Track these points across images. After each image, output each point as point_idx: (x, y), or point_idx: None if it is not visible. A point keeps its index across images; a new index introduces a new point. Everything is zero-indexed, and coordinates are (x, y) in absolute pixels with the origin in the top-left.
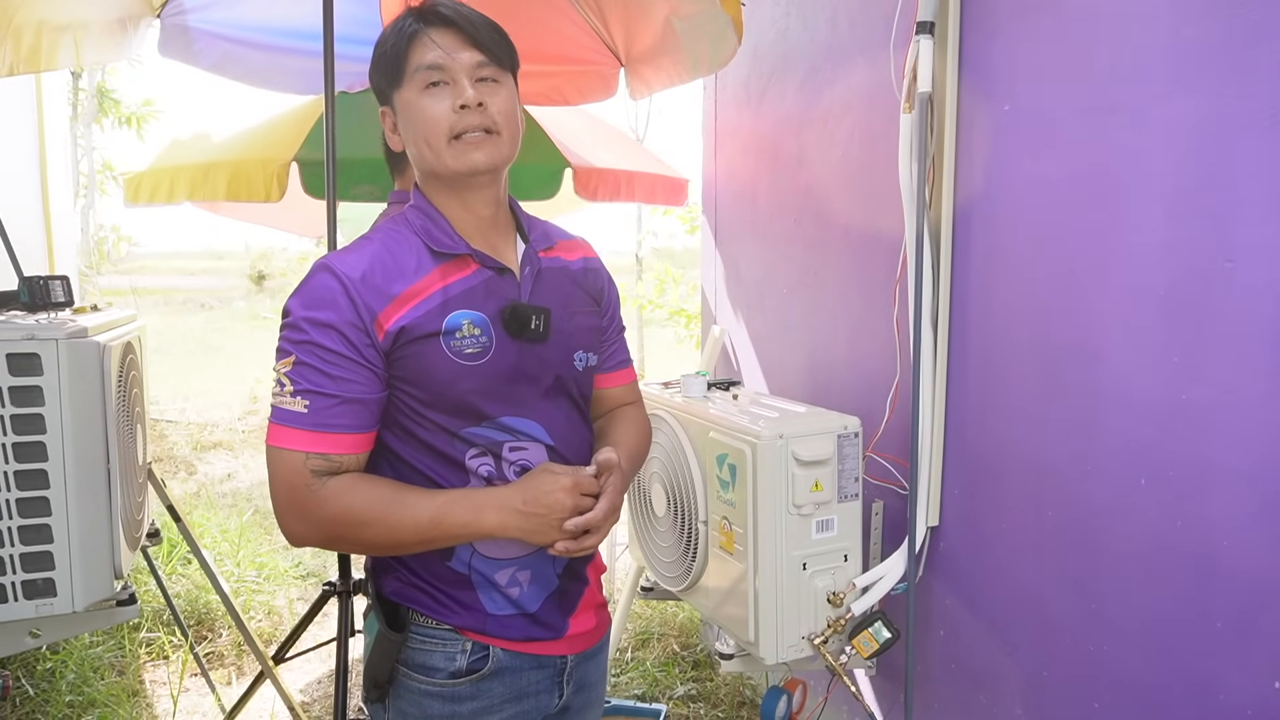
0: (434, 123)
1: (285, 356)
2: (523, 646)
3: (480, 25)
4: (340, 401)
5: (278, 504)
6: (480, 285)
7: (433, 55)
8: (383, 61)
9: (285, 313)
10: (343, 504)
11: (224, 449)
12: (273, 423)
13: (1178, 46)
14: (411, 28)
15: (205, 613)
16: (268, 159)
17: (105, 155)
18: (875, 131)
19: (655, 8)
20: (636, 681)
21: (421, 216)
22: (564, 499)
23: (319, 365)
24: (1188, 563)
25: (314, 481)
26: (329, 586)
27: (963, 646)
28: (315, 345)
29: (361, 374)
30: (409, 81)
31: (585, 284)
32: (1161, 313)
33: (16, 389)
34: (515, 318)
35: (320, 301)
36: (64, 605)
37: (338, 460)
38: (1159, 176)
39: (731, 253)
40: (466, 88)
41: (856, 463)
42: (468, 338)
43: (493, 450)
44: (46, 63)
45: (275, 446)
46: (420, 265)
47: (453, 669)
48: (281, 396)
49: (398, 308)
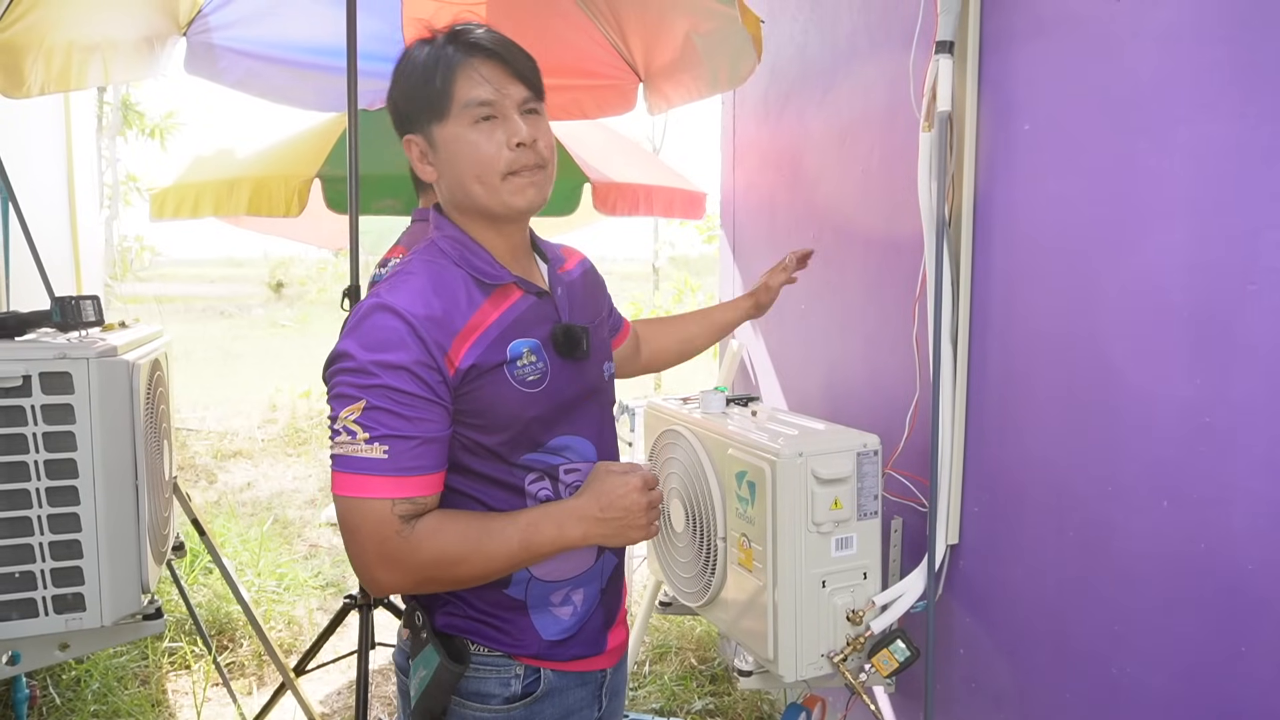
0: (488, 161)
1: (352, 403)
2: (571, 666)
3: (521, 56)
4: (421, 442)
5: (364, 556)
6: (528, 311)
7: (483, 91)
8: (420, 91)
9: (343, 356)
10: (437, 546)
11: (244, 458)
12: (345, 473)
13: (1202, 68)
14: (454, 58)
15: (226, 622)
16: (290, 175)
17: (129, 167)
18: (894, 149)
19: (675, 24)
20: (654, 695)
21: (458, 247)
22: (638, 498)
23: (394, 409)
24: (1211, 585)
25: (404, 528)
26: (350, 600)
27: (983, 665)
28: (388, 389)
29: (435, 413)
30: (456, 116)
31: (593, 287)
32: (1184, 335)
33: (49, 407)
34: (568, 339)
35: (387, 343)
36: (93, 620)
37: (423, 503)
38: (1182, 199)
39: (750, 267)
40: (520, 125)
41: (876, 480)
42: (528, 365)
43: (549, 474)
44: (76, 82)
45: (355, 497)
46: (471, 298)
47: (507, 694)
48: (354, 445)
49: (463, 342)
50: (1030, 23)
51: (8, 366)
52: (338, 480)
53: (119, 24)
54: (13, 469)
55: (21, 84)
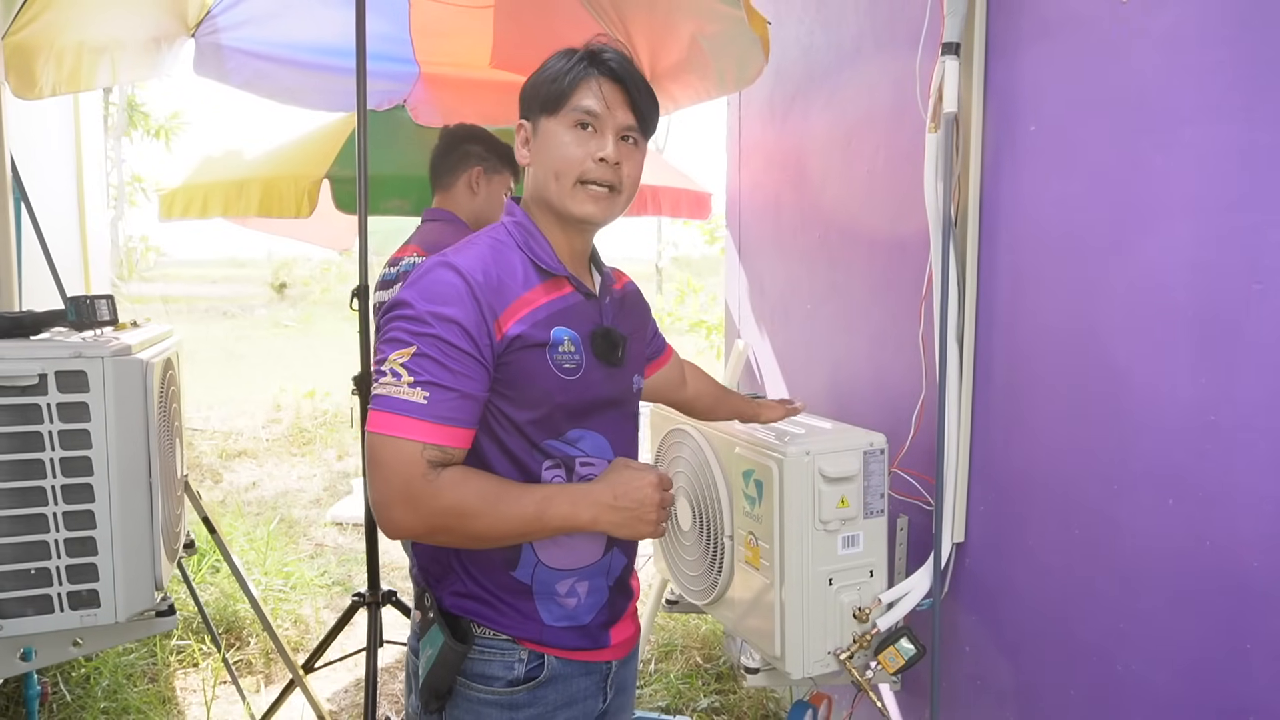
0: (570, 162)
1: (403, 347)
2: (575, 655)
3: (643, 89)
4: (460, 396)
5: (387, 492)
6: (575, 306)
7: (592, 102)
8: (543, 87)
9: (401, 304)
10: (457, 495)
11: (248, 457)
12: (384, 411)
13: (1207, 69)
14: (584, 70)
15: (233, 620)
16: (299, 175)
17: (134, 167)
18: (900, 150)
19: (681, 25)
20: (660, 694)
21: (524, 233)
22: (651, 494)
23: (440, 359)
24: (1217, 583)
25: (429, 472)
26: (359, 597)
27: (988, 663)
28: (439, 339)
29: (478, 371)
30: (562, 114)
31: (638, 307)
32: (1189, 334)
33: (64, 405)
34: (607, 341)
35: (445, 297)
36: (107, 616)
37: (452, 453)
38: (1187, 199)
39: (756, 267)
40: (610, 143)
41: (882, 479)
42: (567, 353)
43: (566, 464)
44: (86, 82)
45: (390, 435)
46: (527, 277)
47: (510, 677)
48: (398, 387)
49: (514, 312)
50: (1036, 25)
51: (24, 365)
52: (375, 419)
53: (128, 25)
54: (29, 466)
55: (34, 85)
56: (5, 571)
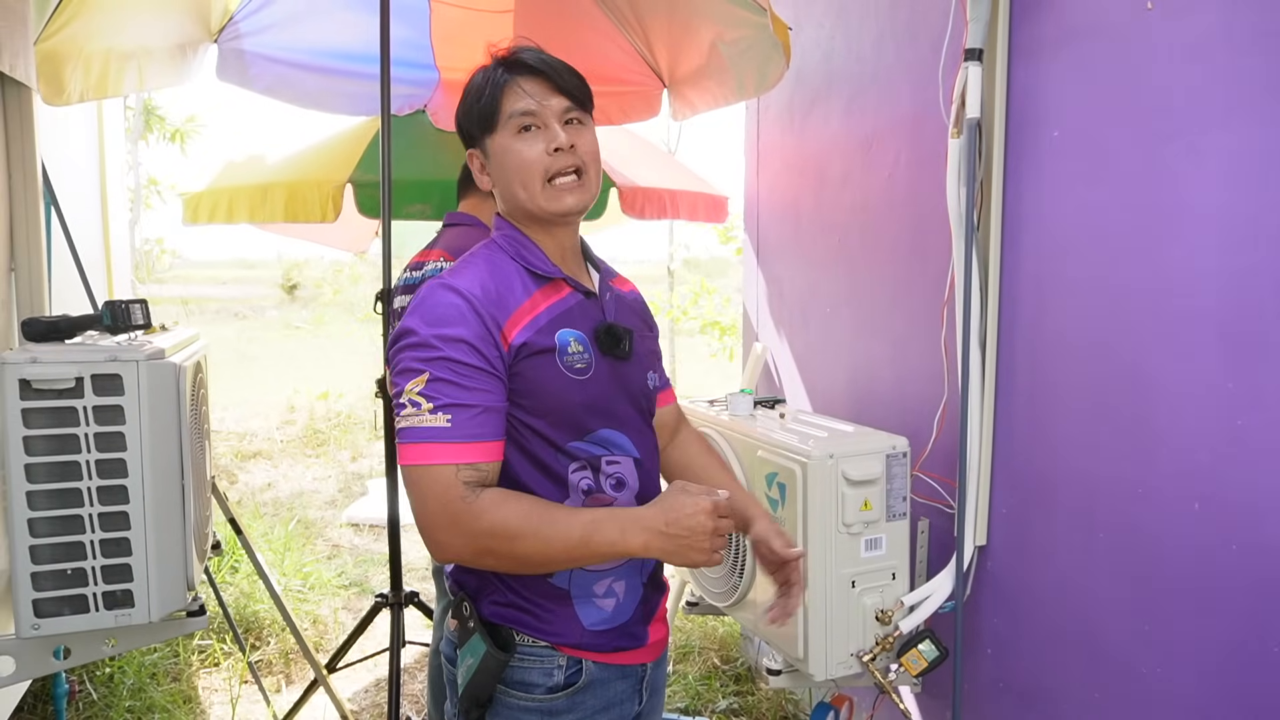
0: (529, 165)
1: (416, 375)
2: (612, 658)
3: (565, 72)
4: (481, 410)
5: (431, 520)
6: (575, 307)
7: (524, 103)
8: (474, 109)
9: (407, 333)
10: (499, 516)
11: (263, 458)
12: (411, 443)
13: (1233, 75)
14: (503, 78)
15: (253, 621)
16: (323, 180)
17: (150, 170)
18: (922, 155)
19: (701, 31)
20: (679, 695)
21: (514, 244)
22: (705, 521)
23: (455, 379)
24: (1243, 587)
25: (468, 494)
26: (381, 598)
27: (1011, 666)
28: (449, 360)
29: (493, 384)
30: (502, 128)
31: (641, 312)
32: (1216, 339)
33: (100, 408)
34: (610, 336)
35: (448, 318)
36: (141, 616)
37: (485, 469)
38: (1214, 204)
39: (774, 271)
40: (558, 131)
41: (904, 482)
42: (575, 354)
43: (592, 464)
44: (114, 89)
45: (422, 465)
46: (525, 285)
47: (550, 684)
48: (419, 415)
49: (516, 322)
50: (1059, 31)
51: (61, 368)
52: (405, 451)
53: (154, 32)
54: (65, 468)
55: (62, 91)
56: (43, 571)
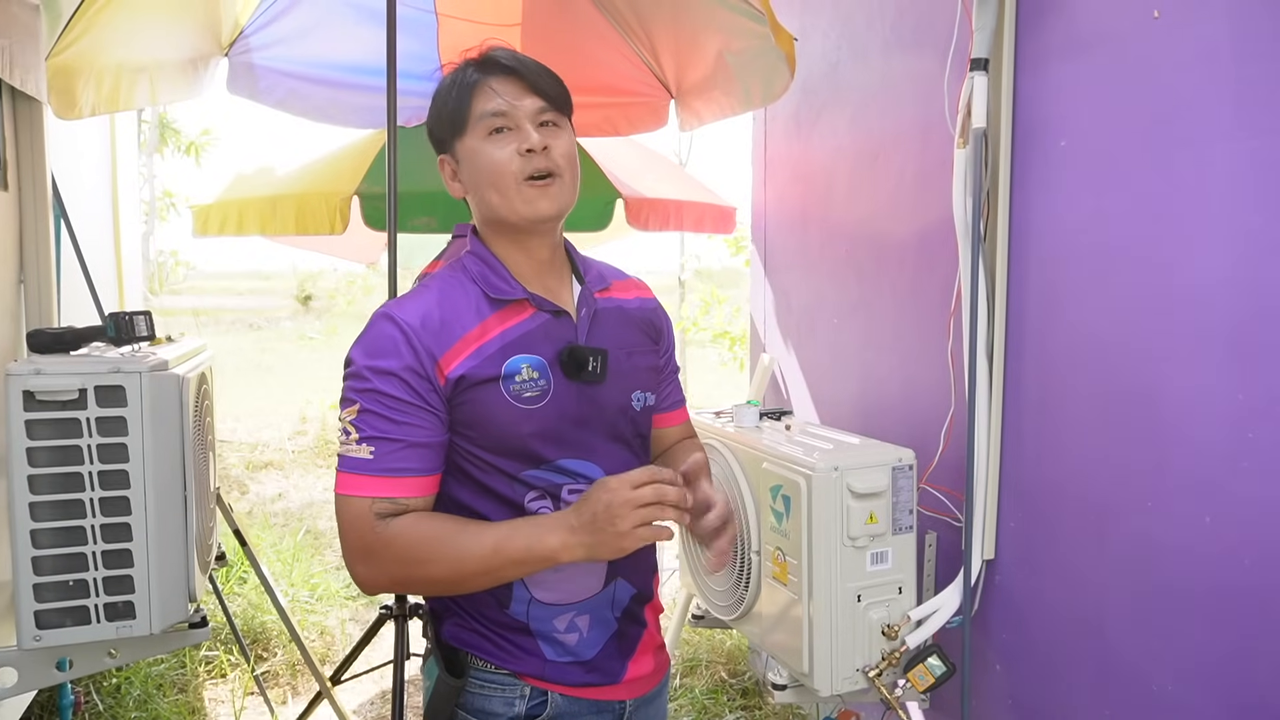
0: (500, 168)
1: (350, 405)
2: (581, 692)
3: (539, 72)
4: (405, 445)
5: (346, 550)
6: (538, 329)
7: (496, 103)
8: (444, 112)
9: (348, 362)
10: (406, 541)
11: (275, 469)
12: (340, 471)
13: (1241, 83)
14: (473, 78)
15: (260, 632)
16: (330, 193)
17: (165, 183)
18: (929, 165)
19: (707, 42)
20: (685, 709)
21: (479, 263)
22: (618, 494)
23: (383, 412)
24: (1255, 602)
25: (379, 524)
26: (386, 610)
27: (1020, 682)
28: (378, 393)
29: (424, 418)
30: (472, 129)
31: (643, 323)
32: (1225, 351)
33: (103, 420)
34: (573, 360)
35: (381, 350)
36: (142, 627)
37: (403, 503)
38: (1223, 213)
39: (781, 282)
40: (531, 132)
41: (911, 495)
42: (526, 381)
43: (551, 493)
44: (125, 103)
45: (342, 494)
46: (479, 311)
47: (511, 714)
48: (348, 444)
49: (457, 353)
50: (1066, 40)
51: (65, 380)
52: (337, 478)
53: (165, 46)
54: (68, 479)
55: (74, 105)
56: (45, 583)
